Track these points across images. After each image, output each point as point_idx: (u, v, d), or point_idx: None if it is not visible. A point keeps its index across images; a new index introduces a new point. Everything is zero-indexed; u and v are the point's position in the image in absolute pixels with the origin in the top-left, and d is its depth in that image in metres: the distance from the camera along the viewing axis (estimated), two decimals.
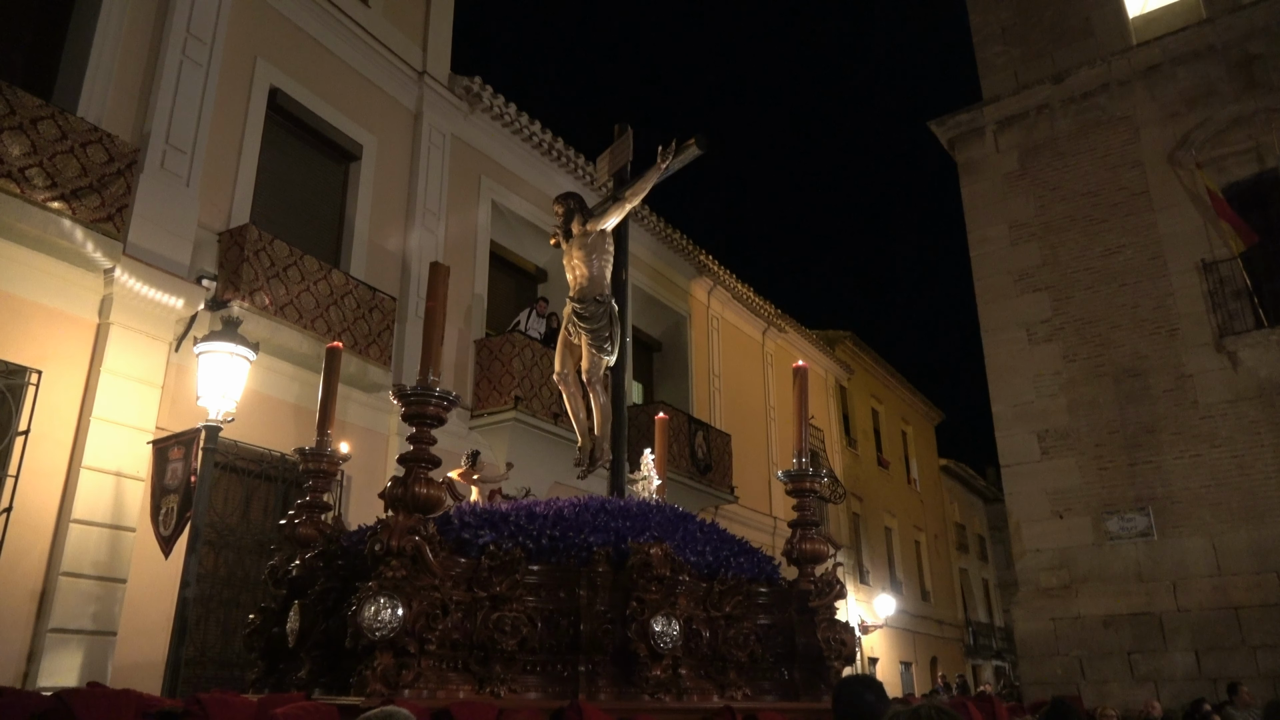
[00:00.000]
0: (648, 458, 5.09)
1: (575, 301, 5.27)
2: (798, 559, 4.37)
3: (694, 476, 14.44)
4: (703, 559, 4.12)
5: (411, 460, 3.49)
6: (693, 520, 4.50)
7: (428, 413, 3.55)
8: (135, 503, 7.47)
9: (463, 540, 3.68)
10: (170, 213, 8.29)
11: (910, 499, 27.38)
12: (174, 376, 8.14)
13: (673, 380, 16.71)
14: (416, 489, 3.41)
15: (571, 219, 5.42)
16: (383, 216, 11.03)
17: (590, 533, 3.91)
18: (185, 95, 8.72)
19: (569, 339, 5.36)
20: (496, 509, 4.07)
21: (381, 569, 3.33)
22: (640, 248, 15.74)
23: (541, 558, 3.78)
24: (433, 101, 11.82)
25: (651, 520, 4.19)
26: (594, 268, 5.27)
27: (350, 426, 9.45)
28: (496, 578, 3.58)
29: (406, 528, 3.38)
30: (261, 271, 8.68)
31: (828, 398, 22.69)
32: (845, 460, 22.93)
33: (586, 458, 5.26)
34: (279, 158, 10.11)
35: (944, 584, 28.81)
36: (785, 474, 4.44)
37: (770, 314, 19.48)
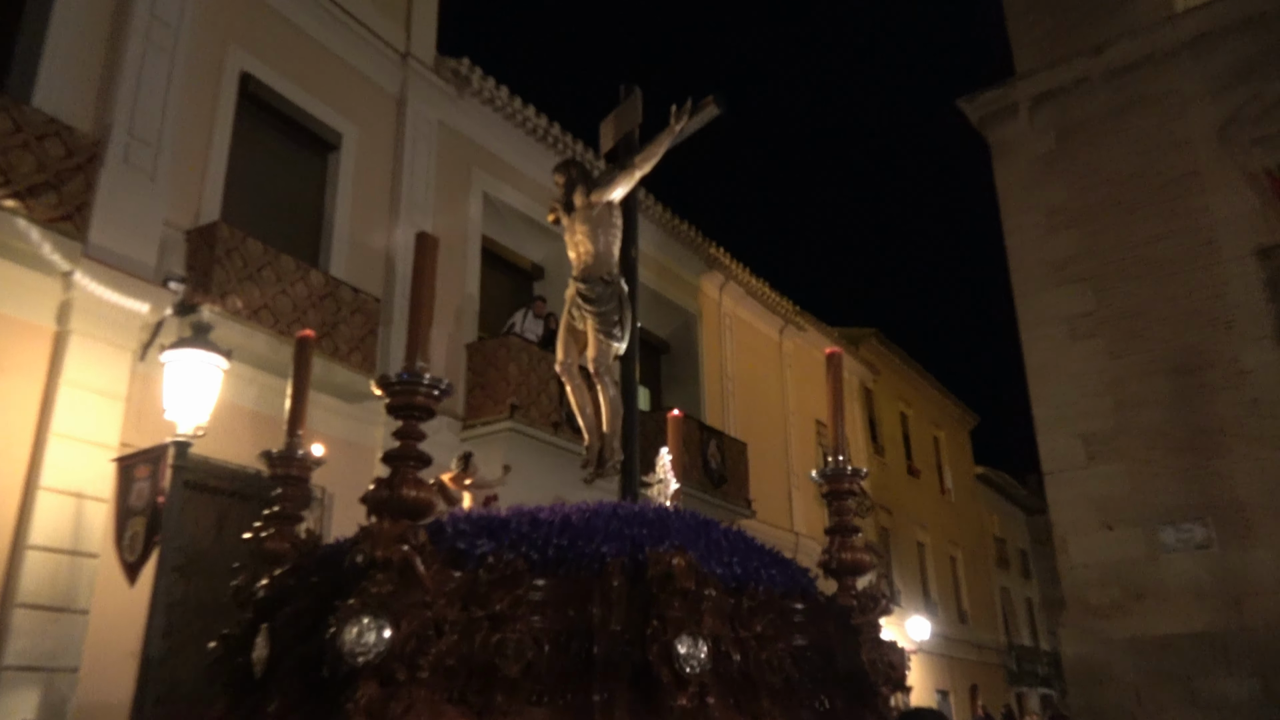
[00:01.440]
0: (664, 459, 4.97)
1: (579, 282, 5.09)
2: (836, 570, 4.23)
3: (707, 489, 14.38)
4: (730, 571, 3.96)
5: (398, 458, 3.29)
6: (716, 527, 4.38)
7: (416, 403, 3.35)
8: (98, 526, 7.43)
9: (458, 550, 3.53)
10: (134, 210, 8.28)
11: (944, 511, 27.28)
12: (139, 388, 8.11)
13: (682, 385, 16.66)
14: (405, 491, 3.22)
15: (574, 190, 5.25)
16: (365, 212, 11.00)
17: (603, 541, 3.75)
18: (150, 83, 8.70)
19: (573, 324, 5.19)
20: (495, 515, 3.92)
21: (365, 584, 3.16)
22: (644, 240, 15.68)
23: (548, 570, 3.63)
24: (418, 86, 11.80)
25: (671, 527, 4.02)
26: (600, 244, 5.11)
27: (333, 440, 9.40)
28: (497, 593, 3.44)
29: (394, 536, 3.19)
30: (234, 272, 8.66)
31: (852, 401, 22.60)
32: (872, 469, 22.83)
33: (594, 458, 5.08)
34: (252, 149, 10.10)
35: (983, 604, 28.68)
36: (821, 473, 4.30)
37: (788, 311, 19.43)
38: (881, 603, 4.12)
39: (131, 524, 6.87)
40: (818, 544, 18.16)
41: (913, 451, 25.98)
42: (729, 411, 17.07)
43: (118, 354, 7.94)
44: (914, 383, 26.84)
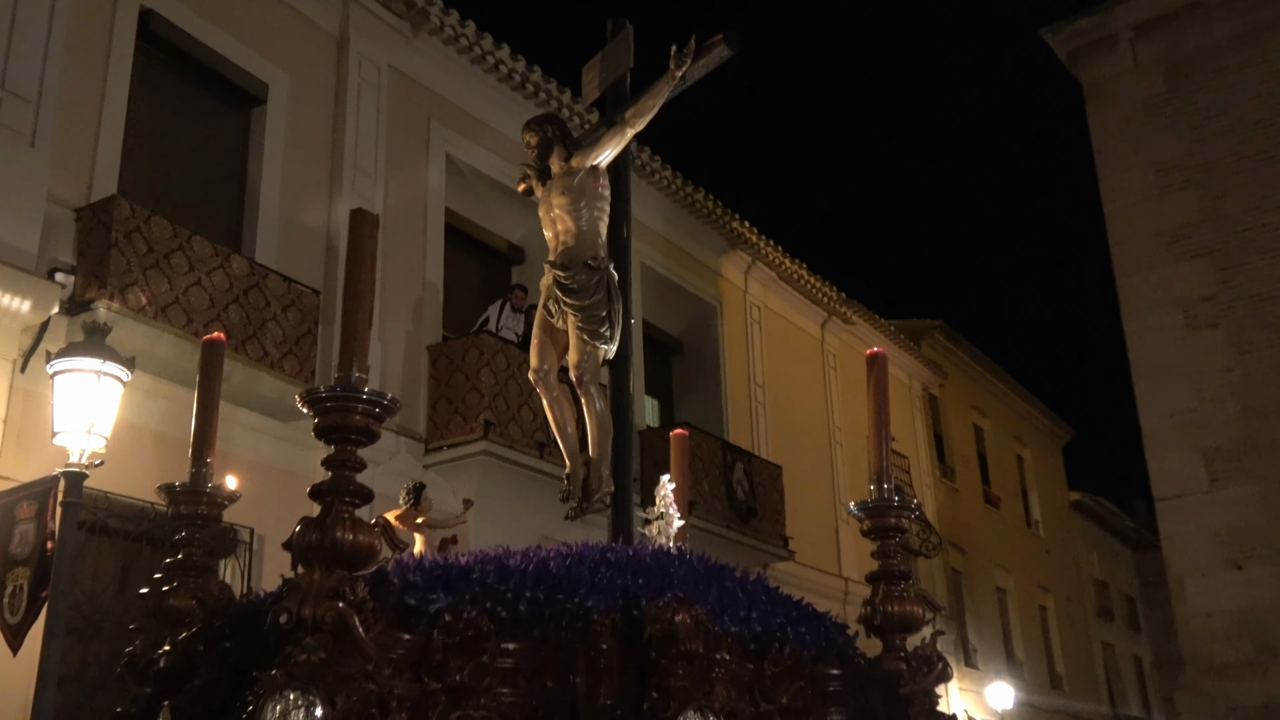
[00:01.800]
0: (666, 488, 4.96)
1: (557, 269, 5.03)
2: (881, 626, 4.24)
3: (732, 524, 14.43)
4: (747, 628, 4.00)
5: (331, 493, 3.26)
6: (730, 574, 4.39)
7: (351, 424, 3.30)
8: None
9: (407, 607, 3.50)
10: (11, 183, 8.35)
11: (1031, 548, 27.26)
12: (20, 406, 8.17)
13: (700, 394, 16.70)
14: (339, 534, 3.17)
15: (549, 152, 5.20)
16: (298, 180, 11.07)
17: (588, 593, 3.74)
18: (26, 23, 8.78)
19: (550, 322, 5.15)
20: (452, 563, 3.90)
21: (291, 650, 3.11)
22: (650, 214, 15.76)
23: (519, 630, 3.62)
24: (362, 22, 11.88)
25: (674, 574, 4.02)
26: (582, 220, 5.06)
27: (262, 469, 9.47)
28: (456, 661, 3.42)
29: (326, 590, 3.13)
30: (136, 260, 8.72)
31: (913, 412, 22.61)
32: (940, 497, 22.84)
33: (578, 489, 5.01)
34: (156, 105, 10.17)
35: (1081, 664, 28.66)
36: (860, 506, 4.30)
37: (831, 299, 19.47)
38: (938, 666, 4.13)
39: (14, 576, 6.91)
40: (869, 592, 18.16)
41: (990, 474, 25.96)
42: (759, 427, 17.11)
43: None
44: (990, 388, 26.84)
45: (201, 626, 3.93)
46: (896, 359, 22.19)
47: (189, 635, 3.91)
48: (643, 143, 15.04)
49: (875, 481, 4.37)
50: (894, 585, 4.24)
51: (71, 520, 6.76)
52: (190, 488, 4.16)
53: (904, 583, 4.28)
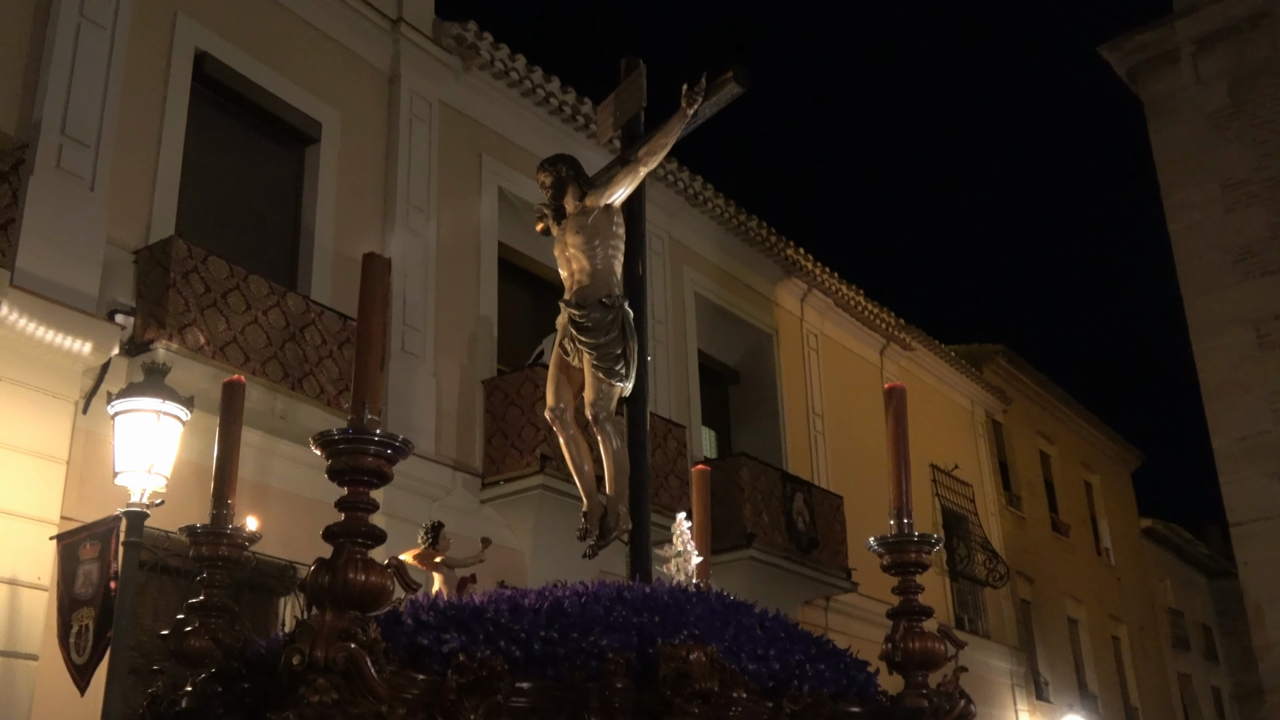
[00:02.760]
0: (682, 526, 4.98)
1: (572, 307, 5.12)
2: (903, 662, 4.19)
3: (792, 556, 14.34)
4: (765, 666, 3.96)
5: (342, 535, 3.31)
6: (749, 611, 4.37)
7: (363, 465, 3.38)
8: (37, 620, 7.61)
9: (419, 647, 3.52)
10: (71, 226, 8.54)
11: (1102, 577, 26.87)
12: (83, 447, 8.32)
13: (758, 424, 16.66)
14: (350, 575, 3.21)
15: (564, 191, 5.30)
16: (352, 217, 11.22)
17: (603, 633, 3.77)
18: (85, 69, 9.00)
19: (565, 360, 5.23)
20: (466, 602, 3.90)
21: (303, 691, 3.14)
22: (704, 242, 15.80)
23: (533, 670, 3.65)
24: (413, 59, 12.06)
25: (690, 613, 4.06)
26: (597, 258, 5.14)
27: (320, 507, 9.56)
28: (469, 700, 3.42)
29: (337, 631, 3.17)
30: (194, 300, 8.88)
31: (976, 439, 22.40)
32: (1006, 526, 22.59)
33: (595, 527, 5.05)
34: (211, 146, 10.37)
35: (1157, 696, 28.14)
36: (880, 541, 4.33)
37: (889, 325, 19.37)
38: (960, 704, 4.10)
39: (79, 617, 7.03)
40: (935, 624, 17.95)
41: (1058, 502, 25.65)
42: (819, 456, 17.02)
43: (55, 406, 8.16)
44: (1056, 413, 26.56)
45: (219, 668, 3.97)
46: (958, 385, 22.02)
47: (207, 677, 3.96)
48: (695, 171, 15.12)
49: (895, 516, 4.39)
50: (915, 621, 4.25)
51: (133, 560, 6.87)
52: (211, 529, 4.23)
53: (924, 618, 4.27)
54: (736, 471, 14.05)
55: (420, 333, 11.31)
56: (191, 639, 4.06)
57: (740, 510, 13.74)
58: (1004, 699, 20.78)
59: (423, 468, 10.72)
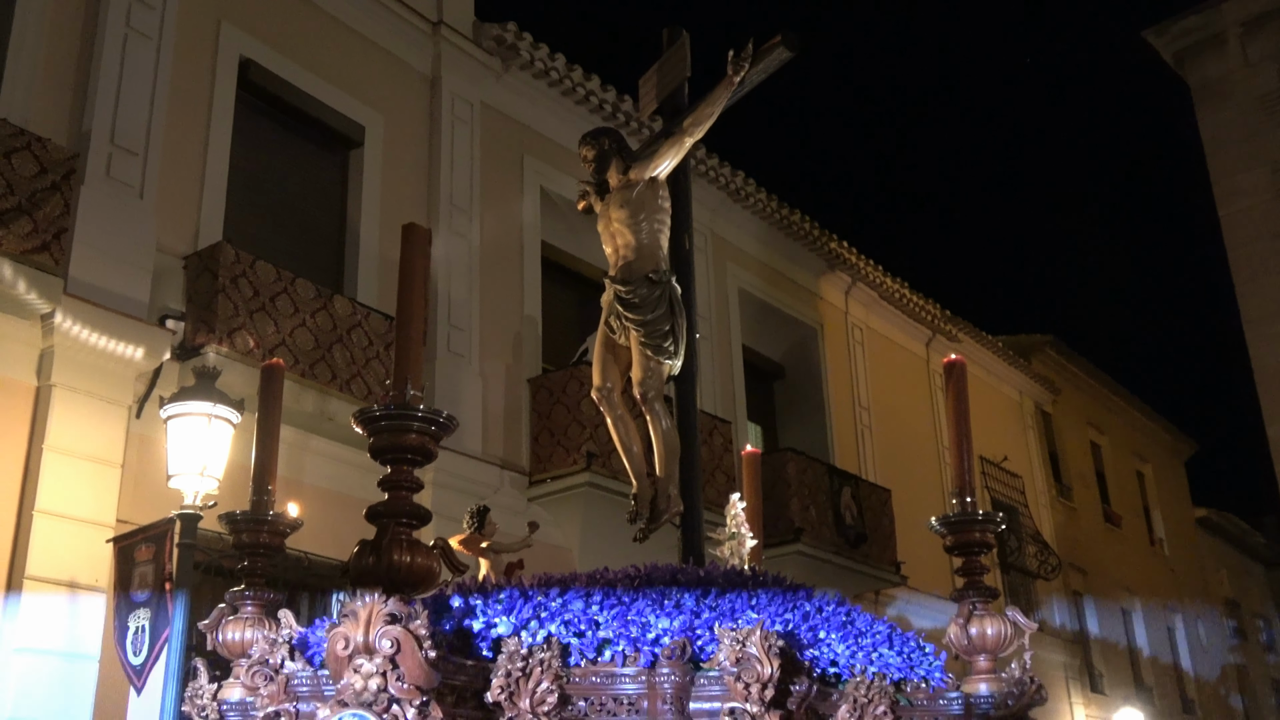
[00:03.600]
0: (736, 508, 4.88)
1: (618, 284, 4.99)
2: (969, 648, 4.07)
3: (841, 550, 14.28)
4: (827, 651, 3.90)
5: (386, 515, 3.20)
6: (807, 595, 4.26)
7: (406, 443, 3.25)
8: (95, 622, 7.74)
9: (468, 632, 3.47)
10: (121, 234, 8.66)
11: (1156, 568, 26.57)
12: (136, 451, 8.44)
13: (803, 418, 16.60)
14: (395, 556, 3.10)
15: (607, 165, 5.18)
16: (396, 219, 11.24)
17: (657, 617, 3.72)
18: (133, 79, 9.12)
19: (612, 339, 5.12)
20: (515, 586, 3.86)
21: (349, 676, 3.07)
22: (746, 238, 15.77)
23: (585, 655, 3.56)
24: (454, 61, 12.12)
25: (747, 596, 4.00)
26: (642, 233, 5.00)
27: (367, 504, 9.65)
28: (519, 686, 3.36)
29: (382, 615, 3.07)
30: (242, 304, 8.98)
31: (1025, 430, 22.22)
32: (1058, 517, 22.38)
33: (645, 510, 4.96)
34: (257, 152, 10.48)
35: (1214, 688, 27.77)
36: (942, 521, 4.17)
37: (935, 317, 19.24)
38: (1032, 688, 3.96)
39: (135, 618, 7.13)
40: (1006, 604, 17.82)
41: (1110, 492, 25.38)
42: (866, 450, 16.94)
43: (110, 411, 8.29)
44: (1107, 403, 26.28)
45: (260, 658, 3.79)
46: (1006, 376, 21.84)
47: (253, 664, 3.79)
48: (736, 166, 15.08)
49: (958, 495, 4.22)
50: (981, 603, 4.10)
51: (187, 561, 6.96)
52: (251, 516, 4.11)
53: (991, 600, 4.15)
54: (783, 466, 14.01)
55: (465, 333, 11.37)
56: (230, 628, 4.00)
57: (787, 505, 13.70)
58: (1058, 691, 20.59)
59: (470, 467, 10.79)
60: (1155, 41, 14.70)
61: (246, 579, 4.11)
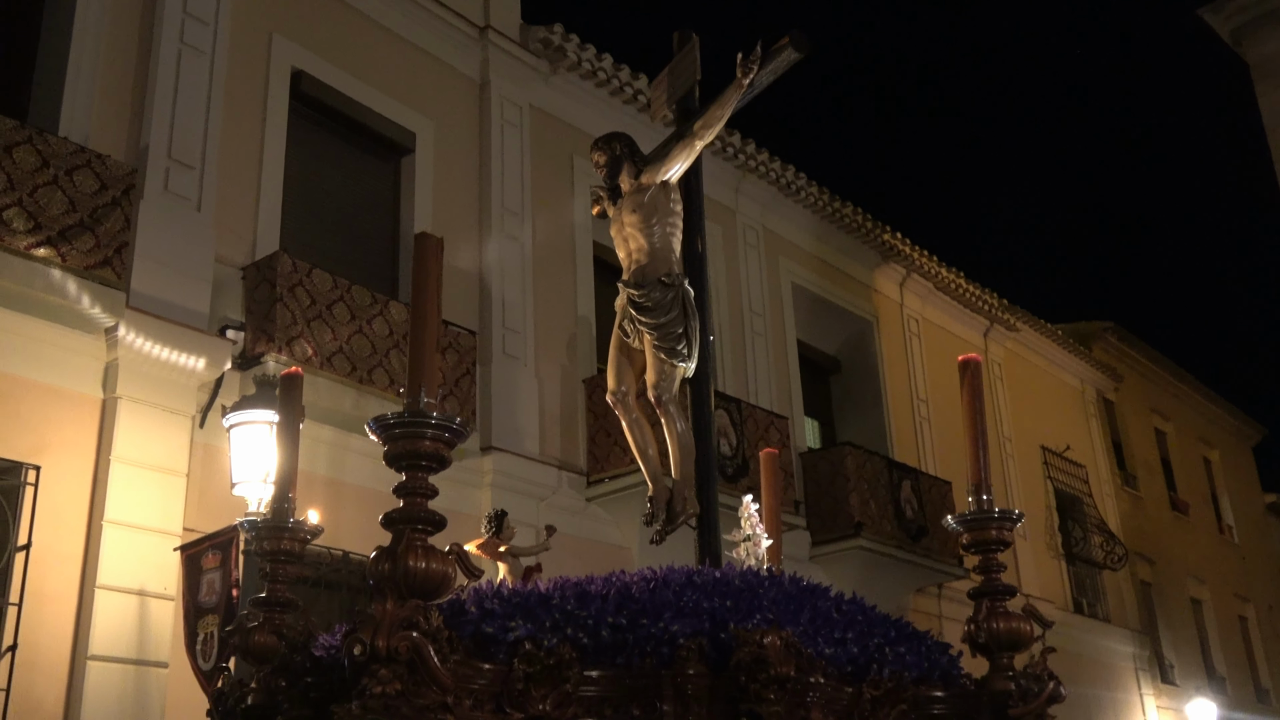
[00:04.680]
0: (750, 509, 4.81)
1: (630, 287, 5.05)
2: (986, 645, 4.03)
3: (902, 544, 14.19)
4: (843, 650, 3.85)
5: (402, 522, 3.23)
6: (824, 594, 4.19)
7: (421, 450, 3.26)
8: (165, 629, 7.89)
9: (485, 636, 3.42)
10: (180, 247, 8.81)
11: (1226, 555, 26.16)
12: (200, 460, 8.58)
13: (861, 412, 16.52)
14: (411, 562, 3.13)
15: (619, 169, 5.26)
16: (448, 225, 11.38)
17: (673, 618, 3.67)
18: (188, 93, 9.27)
19: (626, 342, 5.15)
20: (531, 590, 3.84)
21: (366, 682, 3.05)
22: (799, 232, 15.71)
23: (602, 658, 3.54)
24: (501, 64, 12.19)
25: (763, 596, 3.94)
26: (655, 236, 5.06)
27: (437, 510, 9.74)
28: (537, 690, 3.34)
29: (399, 620, 3.08)
30: (300, 313, 9.09)
31: (1088, 418, 21.97)
32: (1123, 506, 22.10)
33: (661, 511, 4.99)
34: (310, 162, 10.61)
35: None
36: (958, 519, 4.14)
37: (992, 306, 19.08)
38: (1050, 686, 3.92)
39: (203, 624, 7.26)
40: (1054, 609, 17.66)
41: (1176, 480, 25.02)
42: (925, 442, 16.83)
43: (174, 421, 8.43)
44: (1171, 389, 25.90)
45: (281, 663, 3.91)
46: (1066, 364, 21.61)
47: (269, 672, 3.91)
48: (786, 160, 15.04)
49: (974, 493, 4.19)
50: (999, 601, 4.09)
51: (254, 568, 7.07)
52: (272, 523, 4.16)
53: (1008, 597, 4.11)
54: (841, 461, 13.95)
55: (520, 335, 11.44)
56: (256, 634, 4.02)
57: (847, 500, 13.64)
58: (1128, 683, 20.33)
59: (528, 468, 10.85)
60: (1211, 19, 14.47)
61: (269, 585, 4.14)
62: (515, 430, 10.91)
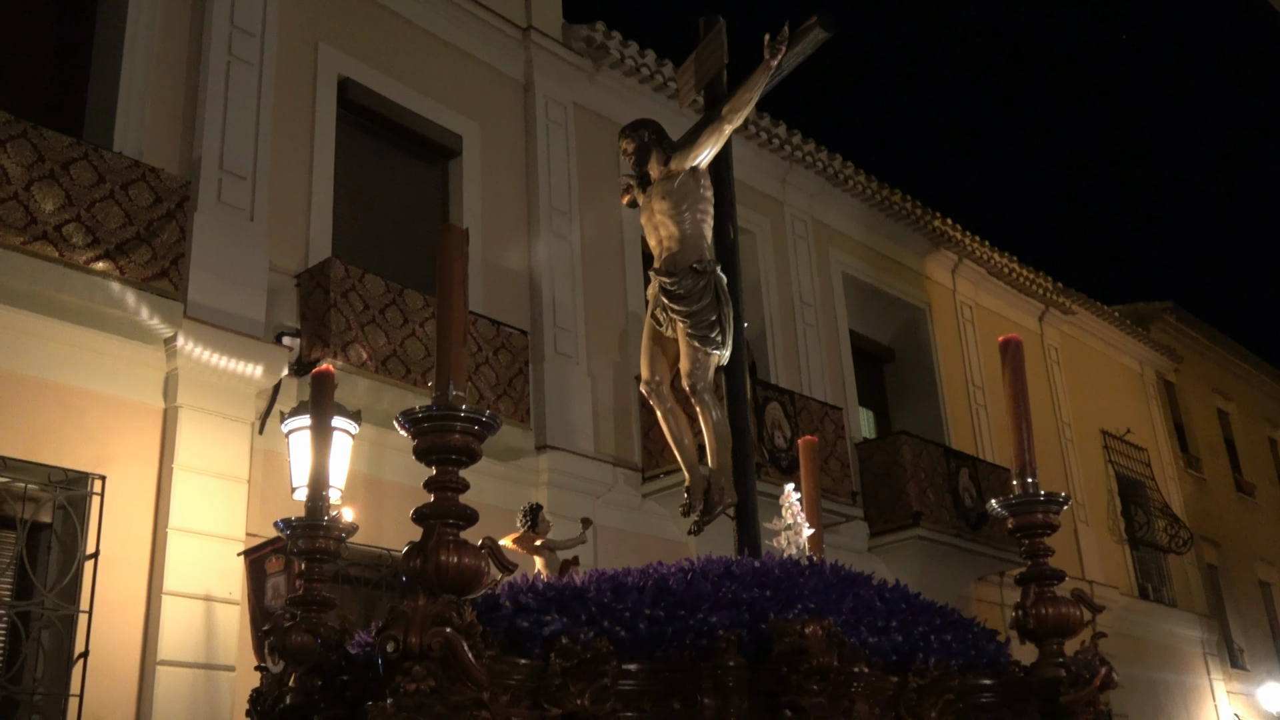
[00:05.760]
0: (791, 498, 4.71)
1: (662, 275, 5.03)
2: (1035, 630, 3.96)
3: (962, 533, 14.10)
4: (887, 639, 3.78)
5: (433, 516, 3.18)
6: (866, 583, 4.14)
7: (451, 443, 3.22)
8: (231, 633, 8.01)
9: (519, 631, 3.37)
10: (235, 256, 8.94)
11: None
12: (261, 466, 8.70)
13: (916, 401, 16.43)
14: (442, 557, 3.07)
15: (648, 157, 5.24)
16: (497, 226, 11.46)
17: (711, 609, 3.62)
18: (237, 104, 9.41)
19: (658, 331, 5.13)
20: (566, 584, 3.78)
21: (399, 680, 3.00)
22: (848, 221, 15.65)
23: (640, 651, 3.48)
24: (545, 64, 12.24)
25: (803, 586, 3.89)
26: (685, 223, 5.04)
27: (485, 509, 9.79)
28: (574, 685, 3.27)
29: (431, 616, 3.02)
30: (354, 318, 9.20)
31: (1148, 400, 21.70)
32: (1186, 489, 21.81)
33: (698, 501, 4.98)
34: (359, 168, 10.72)
35: None
36: (1003, 503, 4.06)
37: (1047, 289, 18.90)
38: (1102, 672, 3.86)
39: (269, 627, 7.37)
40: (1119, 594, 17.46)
41: (1241, 461, 24.68)
42: (982, 430, 16.71)
43: (233, 428, 8.56)
44: (1234, 369, 25.52)
45: (316, 662, 3.90)
46: (1124, 346, 21.35)
47: (305, 672, 3.90)
48: (833, 150, 14.98)
49: (1019, 476, 4.12)
50: (1047, 586, 4.01)
51: None
52: (306, 522, 4.13)
53: (1058, 582, 4.04)
54: (898, 450, 13.88)
55: (571, 334, 11.49)
56: (293, 634, 3.99)
57: (904, 490, 13.58)
58: (1196, 667, 20.06)
59: (584, 466, 10.90)
60: None
61: (306, 584, 4.12)
62: (569, 428, 10.96)
